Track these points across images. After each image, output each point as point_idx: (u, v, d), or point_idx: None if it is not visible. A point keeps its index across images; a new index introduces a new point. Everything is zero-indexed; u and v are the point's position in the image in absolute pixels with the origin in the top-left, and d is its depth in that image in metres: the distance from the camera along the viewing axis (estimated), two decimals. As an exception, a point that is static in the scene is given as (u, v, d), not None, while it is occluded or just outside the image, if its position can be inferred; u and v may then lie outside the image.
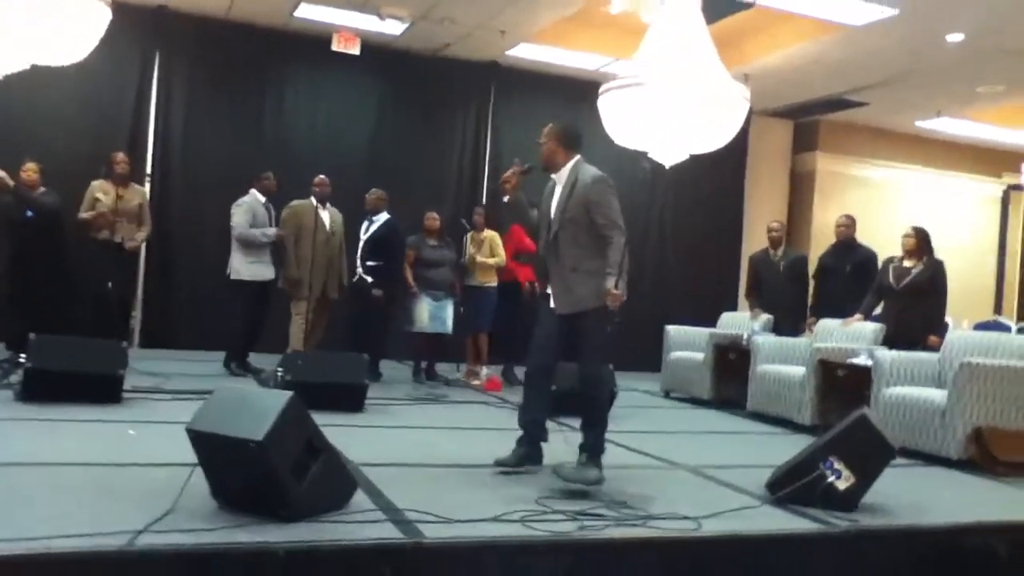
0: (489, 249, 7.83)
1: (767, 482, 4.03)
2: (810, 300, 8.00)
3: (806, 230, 11.55)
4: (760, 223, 11.44)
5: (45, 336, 5.31)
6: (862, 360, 6.06)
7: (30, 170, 6.89)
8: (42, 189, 6.95)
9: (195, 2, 8.80)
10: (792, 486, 3.81)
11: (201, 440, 3.24)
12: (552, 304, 4.21)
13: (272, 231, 7.33)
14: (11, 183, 6.63)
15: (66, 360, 5.26)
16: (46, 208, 6.86)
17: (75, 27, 5.78)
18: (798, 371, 6.51)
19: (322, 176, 7.53)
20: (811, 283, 8.01)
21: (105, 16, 5.90)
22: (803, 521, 3.61)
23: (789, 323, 7.73)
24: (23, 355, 5.27)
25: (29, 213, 6.86)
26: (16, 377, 5.55)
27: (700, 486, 4.29)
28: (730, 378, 7.40)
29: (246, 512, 3.11)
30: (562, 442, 4.35)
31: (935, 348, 6.25)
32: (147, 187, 8.61)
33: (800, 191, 11.85)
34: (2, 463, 3.70)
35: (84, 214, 7.02)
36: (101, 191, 7.09)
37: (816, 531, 3.52)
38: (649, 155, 7.71)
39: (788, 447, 4.55)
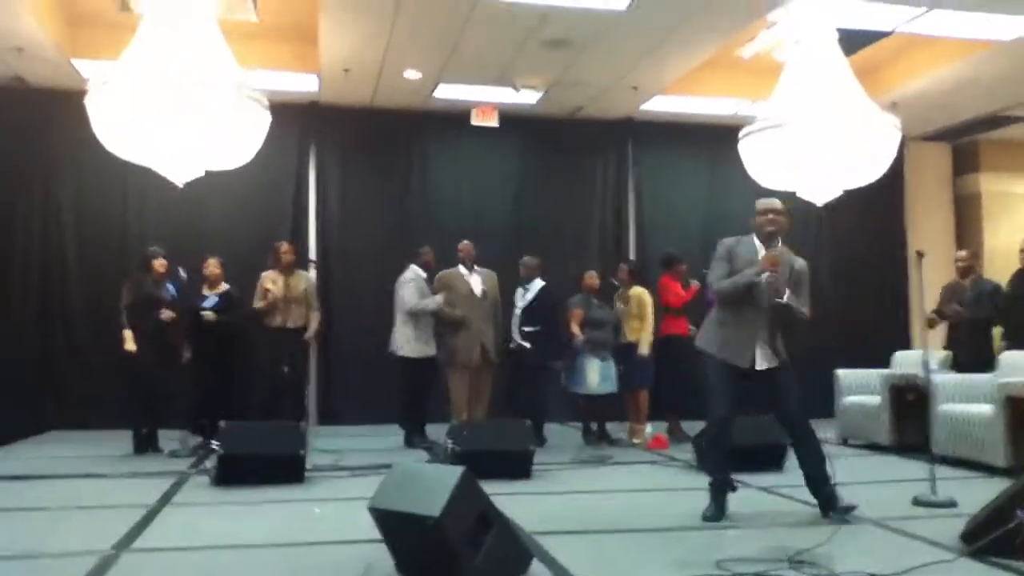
0: (636, 306, 7.79)
1: (961, 533, 3.79)
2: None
3: (978, 256, 10.90)
4: (926, 253, 10.89)
5: (234, 423, 5.69)
6: (1055, 393, 5.64)
7: (211, 265, 7.43)
8: (225, 285, 7.46)
9: (343, 94, 9.34)
10: (989, 536, 3.57)
11: (382, 517, 3.38)
12: (759, 363, 4.51)
13: (439, 298, 7.47)
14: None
15: (253, 444, 5.60)
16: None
17: (241, 132, 6.29)
18: (985, 409, 6.10)
19: (465, 241, 7.76)
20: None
21: (266, 119, 6.39)
22: (1005, 575, 3.37)
23: (971, 358, 7.26)
24: (215, 442, 5.63)
25: (208, 303, 7.35)
26: (210, 463, 5.94)
27: (886, 540, 4.07)
28: (911, 421, 6.99)
29: (429, 586, 3.21)
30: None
31: None
32: (312, 272, 9.10)
33: (966, 215, 11.24)
34: (205, 546, 3.97)
35: (258, 304, 7.50)
36: (270, 281, 7.56)
37: (1022, 585, 3.29)
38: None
39: (981, 493, 4.26)
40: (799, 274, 4.59)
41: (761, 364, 4.49)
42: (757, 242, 4.60)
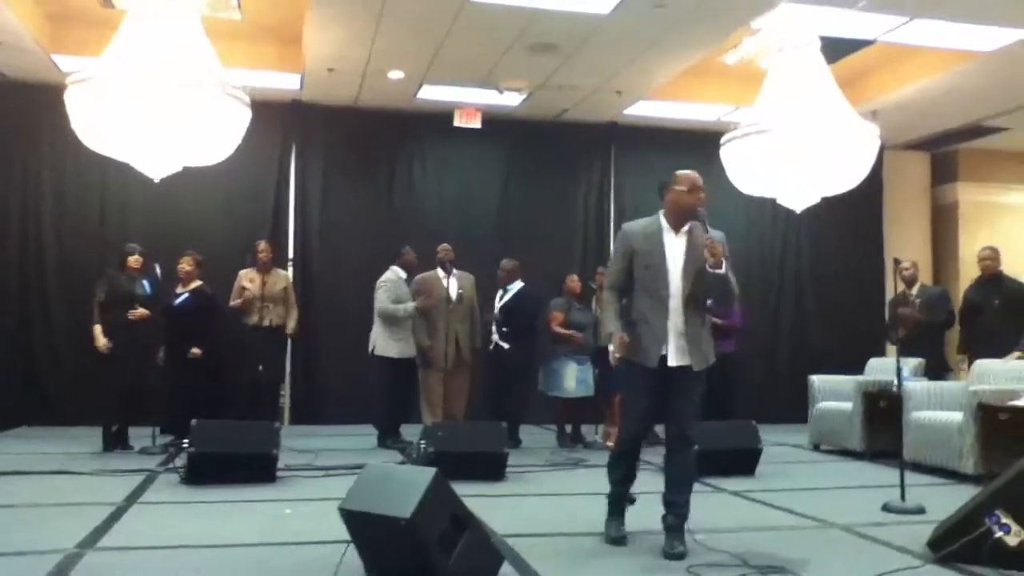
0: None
1: (929, 540, 3.82)
2: (958, 338, 7.74)
3: (953, 264, 11.02)
4: (902, 261, 10.99)
5: (205, 421, 5.63)
6: (1027, 402, 5.69)
7: (185, 263, 7.36)
8: (198, 282, 7.40)
9: (326, 93, 9.31)
10: (956, 543, 3.60)
11: (353, 519, 3.36)
12: (674, 362, 3.85)
13: (411, 305, 7.46)
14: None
15: (225, 443, 5.55)
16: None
17: (220, 129, 6.27)
18: (955, 417, 6.15)
19: (444, 244, 7.75)
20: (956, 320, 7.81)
21: (246, 116, 6.36)
22: (972, 582, 3.41)
23: (929, 365, 7.39)
24: (186, 440, 5.59)
25: (178, 301, 7.29)
26: (180, 461, 5.89)
27: (856, 546, 4.09)
28: (883, 427, 7.03)
29: (398, 589, 3.20)
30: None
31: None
32: (290, 271, 9.06)
33: (944, 224, 11.33)
34: (171, 545, 3.93)
35: (234, 302, 7.47)
36: (247, 279, 7.53)
37: (987, 592, 3.31)
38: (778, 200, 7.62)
39: (950, 500, 4.29)
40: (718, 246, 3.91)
41: (674, 360, 3.85)
42: (663, 222, 3.97)
